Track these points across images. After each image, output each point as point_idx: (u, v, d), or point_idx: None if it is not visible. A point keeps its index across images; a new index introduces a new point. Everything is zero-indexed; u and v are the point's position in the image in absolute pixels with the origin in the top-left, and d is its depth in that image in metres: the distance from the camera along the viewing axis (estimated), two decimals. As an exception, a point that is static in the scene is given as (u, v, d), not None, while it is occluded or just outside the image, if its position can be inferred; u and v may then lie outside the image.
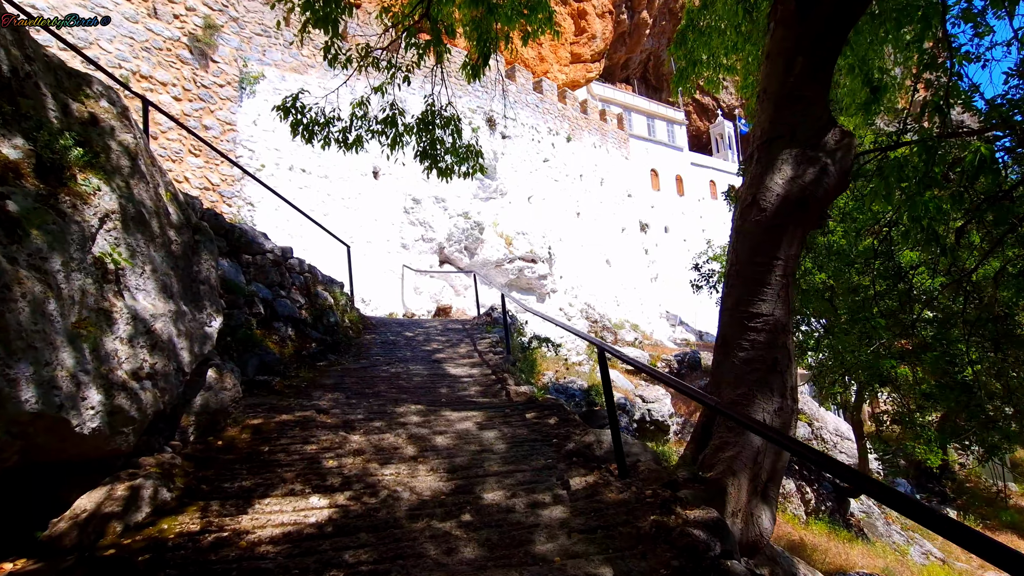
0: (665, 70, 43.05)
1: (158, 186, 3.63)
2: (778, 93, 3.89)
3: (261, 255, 6.69)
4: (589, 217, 20.66)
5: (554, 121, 19.74)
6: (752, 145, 4.03)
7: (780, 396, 3.65)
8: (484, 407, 4.94)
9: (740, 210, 3.90)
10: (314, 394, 5.19)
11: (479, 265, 14.90)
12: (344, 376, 5.98)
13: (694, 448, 3.98)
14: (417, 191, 14.66)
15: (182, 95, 10.11)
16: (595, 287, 18.67)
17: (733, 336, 3.79)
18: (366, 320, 9.17)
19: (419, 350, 7.64)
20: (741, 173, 4.09)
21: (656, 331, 21.59)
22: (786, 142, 3.79)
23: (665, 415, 11.10)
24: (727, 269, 3.98)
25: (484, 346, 8.01)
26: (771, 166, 3.78)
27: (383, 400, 5.06)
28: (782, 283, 3.69)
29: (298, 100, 5.51)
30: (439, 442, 3.99)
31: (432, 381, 5.92)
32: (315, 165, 12.95)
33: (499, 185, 16.58)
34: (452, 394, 5.42)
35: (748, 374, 3.67)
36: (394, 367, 6.54)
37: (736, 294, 3.82)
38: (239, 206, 11.31)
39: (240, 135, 11.81)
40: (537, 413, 4.72)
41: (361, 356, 7.11)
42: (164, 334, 3.31)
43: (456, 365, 6.77)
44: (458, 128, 5.75)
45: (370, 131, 6.23)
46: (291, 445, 3.81)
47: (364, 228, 13.52)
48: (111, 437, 2.83)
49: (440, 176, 5.92)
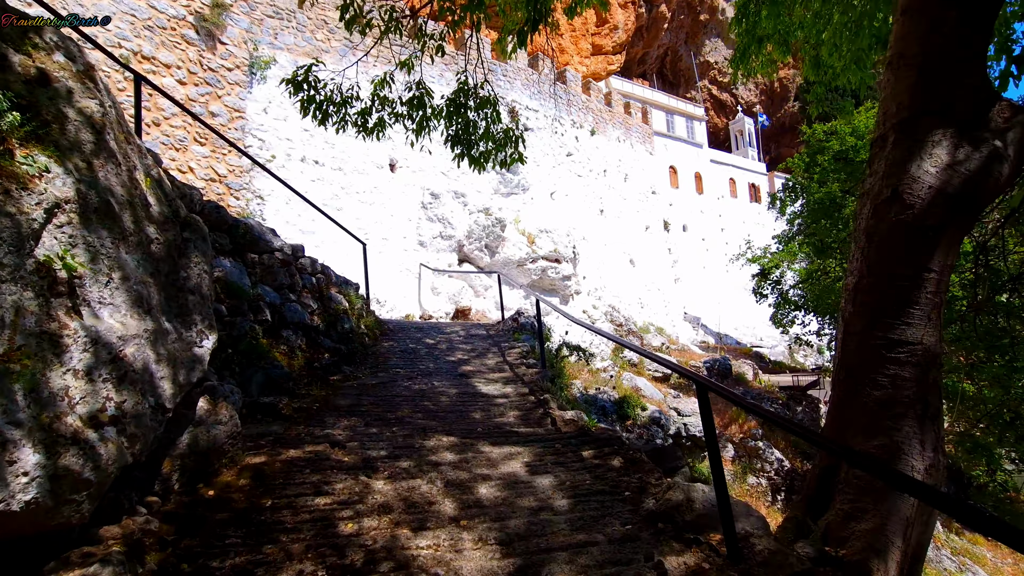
0: (683, 65, 41.94)
1: (134, 169, 2.86)
2: (921, 58, 3.03)
3: (269, 254, 5.94)
4: (612, 214, 19.77)
5: (578, 113, 18.85)
6: (883, 125, 3.17)
7: (932, 450, 2.81)
8: (529, 440, 4.14)
9: (873, 207, 3.05)
10: (327, 420, 4.42)
11: (500, 264, 14.10)
12: (361, 395, 5.21)
13: (805, 508, 3.15)
14: (436, 185, 13.89)
15: (187, 78, 9.40)
16: (619, 288, 17.80)
17: (865, 368, 2.95)
18: (383, 325, 8.41)
19: (443, 361, 6.86)
20: (867, 162, 3.22)
21: (680, 334, 20.68)
22: (936, 120, 2.94)
23: (702, 430, 10.23)
24: (850, 281, 3.14)
25: (514, 357, 7.21)
26: (918, 150, 2.93)
27: (408, 429, 4.28)
28: (933, 303, 2.84)
29: (311, 73, 4.73)
30: (483, 493, 3.19)
31: (462, 402, 5.14)
32: (328, 157, 12.22)
33: (521, 180, 15.76)
34: (488, 420, 4.63)
35: (889, 419, 2.83)
36: (417, 383, 5.76)
37: (868, 315, 2.97)
38: (248, 199, 10.60)
39: (249, 123, 11.09)
40: (595, 450, 3.91)
41: (379, 368, 6.34)
42: (137, 361, 2.55)
43: (487, 381, 5.98)
44: (496, 110, 4.95)
45: (393, 114, 5.45)
46: (299, 497, 3.04)
47: (380, 224, 12.78)
48: (56, 509, 2.06)
49: (472, 165, 5.12)
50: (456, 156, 5.37)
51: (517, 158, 5.05)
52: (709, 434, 2.76)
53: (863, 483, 2.82)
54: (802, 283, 10.80)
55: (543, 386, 5.70)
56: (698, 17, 38.98)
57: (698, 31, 40.21)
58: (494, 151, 5.01)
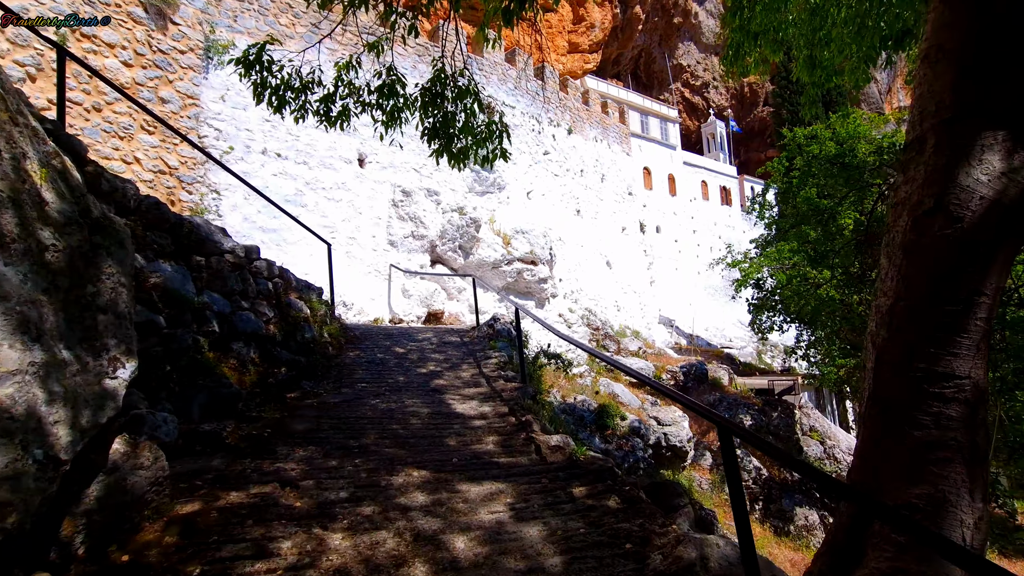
0: (656, 68, 42.16)
1: (22, 157, 2.25)
2: (965, 49, 2.68)
3: (218, 256, 5.30)
4: (589, 215, 19.45)
5: (555, 111, 18.43)
6: (920, 126, 2.81)
7: (982, 499, 2.45)
8: (512, 473, 3.66)
9: (912, 219, 2.67)
10: (280, 449, 3.85)
11: (474, 266, 13.57)
12: (321, 417, 4.64)
13: (828, 561, 2.76)
14: (407, 182, 13.26)
15: (133, 60, 8.56)
16: (596, 291, 17.48)
17: (903, 404, 2.58)
18: (348, 332, 7.80)
19: (414, 374, 6.32)
20: (901, 163, 2.85)
21: (656, 337, 20.54)
22: (985, 121, 2.58)
23: (683, 439, 9.97)
24: (883, 303, 2.76)
25: (491, 368, 6.73)
26: (965, 156, 2.57)
27: (374, 460, 3.75)
28: (983, 331, 2.49)
29: (264, 52, 4.13)
30: (461, 549, 2.70)
31: (436, 425, 4.62)
32: (292, 150, 11.47)
33: (497, 178, 15.25)
34: (464, 448, 4.13)
35: (933, 464, 2.46)
36: (385, 401, 5.22)
37: (907, 342, 2.60)
38: (202, 193, 9.80)
39: (205, 111, 10.28)
40: (587, 487, 3.46)
41: (343, 383, 5.77)
42: (18, 406, 1.96)
43: (462, 398, 5.48)
44: (478, 100, 4.44)
45: (361, 102, 4.88)
46: (236, 561, 2.49)
47: (348, 222, 12.09)
48: None
49: (452, 162, 4.60)
50: (434, 152, 4.84)
51: (500, 154, 4.57)
52: (734, 484, 2.34)
53: (905, 539, 2.44)
54: (781, 289, 10.65)
55: (524, 404, 5.24)
56: (672, 20, 39.18)
57: (672, 34, 40.44)
58: (475, 146, 4.51)
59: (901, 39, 4.59)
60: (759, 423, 13.14)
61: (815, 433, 14.67)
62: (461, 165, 4.73)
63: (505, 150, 4.66)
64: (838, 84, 6.22)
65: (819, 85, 6.34)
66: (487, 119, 4.59)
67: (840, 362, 10.51)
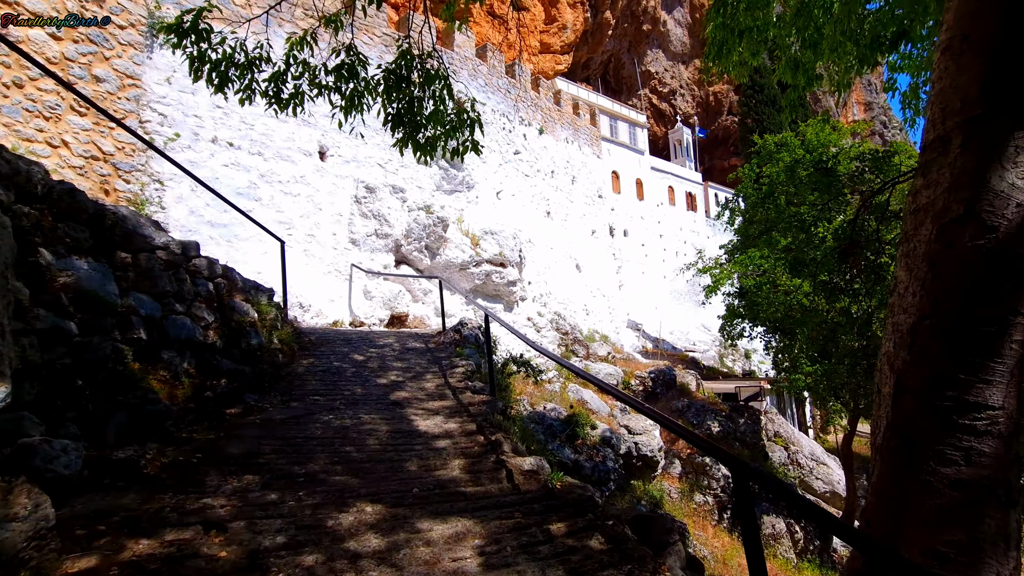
0: (625, 73, 42.49)
1: None
2: (995, 39, 2.41)
3: (148, 253, 4.68)
4: (559, 217, 19.17)
5: (527, 110, 18.06)
6: (942, 124, 2.53)
7: (1016, 547, 2.16)
8: (481, 506, 3.22)
9: (937, 227, 2.38)
10: (209, 480, 3.30)
11: (441, 268, 13.05)
12: (264, 437, 4.10)
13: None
14: (371, 178, 12.64)
15: (63, 32, 7.71)
16: (565, 294, 17.20)
17: (929, 437, 2.28)
18: (303, 337, 7.20)
19: (372, 384, 5.80)
20: (920, 165, 2.52)
21: (624, 342, 20.44)
22: (1019, 120, 2.30)
23: (654, 449, 9.74)
24: (903, 320, 2.46)
25: (457, 378, 6.27)
26: (996, 158, 2.29)
27: (321, 493, 3.25)
28: (1018, 355, 2.21)
29: (201, 19, 3.57)
30: (421, 611, 2.25)
31: (395, 446, 4.14)
32: (247, 139, 10.72)
33: (466, 176, 14.76)
34: (427, 475, 3.67)
35: (965, 507, 2.16)
36: (339, 417, 4.70)
37: (933, 367, 2.30)
38: (142, 183, 8.99)
39: (149, 94, 9.45)
40: (566, 523, 3.06)
41: (293, 396, 5.21)
42: None
43: (425, 413, 5.01)
44: (448, 85, 3.99)
45: (316, 84, 4.36)
46: (134, 642, 1.97)
47: (306, 218, 11.39)
48: None
49: (418, 153, 4.14)
50: (398, 141, 4.36)
51: (472, 147, 4.13)
52: (750, 538, 1.97)
53: (933, 594, 2.12)
54: (751, 295, 10.58)
55: (493, 420, 4.81)
56: (641, 27, 39.52)
57: (641, 40, 40.80)
58: (444, 137, 4.05)
59: (896, 41, 4.39)
60: (727, 429, 13.09)
61: (779, 439, 14.78)
62: (428, 157, 4.27)
63: (477, 142, 4.22)
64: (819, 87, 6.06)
65: (801, 88, 6.18)
66: (458, 108, 4.15)
67: (807, 369, 10.50)
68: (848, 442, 11.59)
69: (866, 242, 5.44)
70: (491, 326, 6.00)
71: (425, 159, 4.23)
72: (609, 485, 8.86)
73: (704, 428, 12.62)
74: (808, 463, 14.78)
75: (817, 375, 10.46)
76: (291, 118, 11.26)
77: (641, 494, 9.33)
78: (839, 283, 8.02)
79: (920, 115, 5.84)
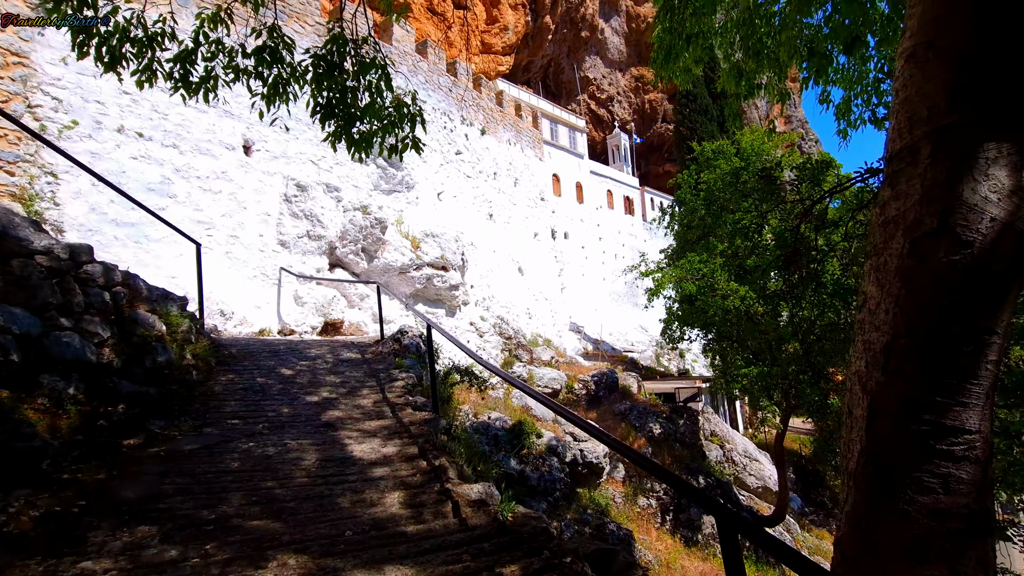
0: (565, 78, 43.09)
1: None
2: (962, 47, 2.34)
3: (23, 258, 3.96)
4: (502, 220, 18.91)
5: (468, 110, 17.67)
6: (909, 133, 2.44)
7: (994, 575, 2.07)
8: (423, 548, 2.86)
9: (909, 241, 2.27)
10: (92, 537, 2.74)
11: (379, 271, 12.42)
12: (168, 473, 3.53)
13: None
14: (303, 175, 11.84)
15: (-74, -2, 6.58)
16: (508, 298, 16.94)
17: (904, 463, 2.15)
18: (223, 350, 6.49)
19: (302, 403, 5.26)
20: (887, 176, 2.42)
21: (567, 345, 20.47)
22: (988, 131, 2.23)
23: (599, 455, 9.65)
24: (875, 339, 2.34)
25: (396, 393, 5.83)
26: (968, 170, 2.21)
27: (234, 543, 2.77)
28: (992, 376, 2.12)
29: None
30: None
31: (325, 477, 3.68)
32: (159, 130, 9.70)
33: (405, 176, 14.18)
34: (362, 512, 3.25)
35: (943, 538, 2.04)
36: (261, 444, 4.16)
37: (908, 389, 2.18)
38: (32, 176, 7.88)
39: (40, 76, 8.32)
40: (519, 563, 2.75)
41: (207, 420, 4.60)
42: None
43: (361, 435, 4.55)
44: (386, 75, 3.59)
45: (233, 67, 3.82)
46: None
47: (229, 218, 10.47)
48: None
49: (352, 149, 3.70)
50: (330, 136, 3.90)
51: (412, 144, 3.74)
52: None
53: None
54: (697, 301, 10.77)
55: (437, 442, 4.43)
56: (580, 33, 40.16)
57: (580, 47, 41.48)
58: (382, 131, 3.64)
59: (851, 46, 4.42)
60: (667, 431, 13.30)
61: (715, 438, 15.22)
62: (364, 154, 3.84)
63: (418, 139, 3.84)
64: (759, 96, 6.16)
65: (742, 97, 6.24)
66: (397, 101, 3.75)
67: (744, 371, 10.79)
68: (780, 439, 12.06)
69: (806, 250, 5.55)
70: (432, 334, 5.61)
71: (361, 156, 3.80)
72: (555, 495, 8.67)
73: (647, 430, 12.75)
74: (742, 460, 15.32)
75: (752, 376, 10.77)
76: (211, 108, 10.33)
77: (587, 502, 9.21)
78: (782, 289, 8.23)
79: (853, 127, 6.02)
